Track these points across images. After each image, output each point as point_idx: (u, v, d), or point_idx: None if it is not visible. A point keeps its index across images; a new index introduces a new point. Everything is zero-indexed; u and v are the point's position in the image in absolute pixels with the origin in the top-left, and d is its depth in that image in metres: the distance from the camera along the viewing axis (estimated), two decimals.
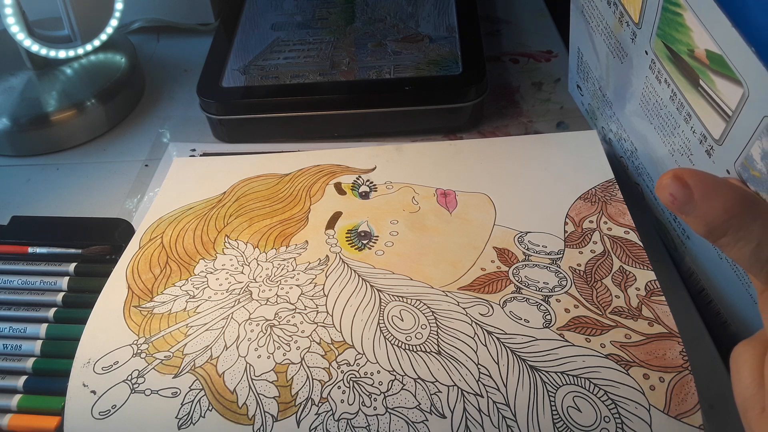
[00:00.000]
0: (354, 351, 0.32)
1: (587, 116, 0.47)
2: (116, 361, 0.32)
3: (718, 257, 0.32)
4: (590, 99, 0.44)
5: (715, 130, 0.28)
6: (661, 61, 0.32)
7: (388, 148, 0.45)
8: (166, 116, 0.54)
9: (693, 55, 0.28)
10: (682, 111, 0.31)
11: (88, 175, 0.49)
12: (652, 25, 0.32)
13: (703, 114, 0.29)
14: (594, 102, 0.44)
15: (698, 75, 0.28)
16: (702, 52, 0.27)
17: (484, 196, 0.40)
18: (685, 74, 0.30)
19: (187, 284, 0.36)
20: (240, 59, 0.52)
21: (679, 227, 0.36)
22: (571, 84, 0.49)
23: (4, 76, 0.52)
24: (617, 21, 0.36)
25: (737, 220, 0.22)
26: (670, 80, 0.31)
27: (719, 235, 0.22)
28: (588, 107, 0.45)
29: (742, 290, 0.31)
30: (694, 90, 0.29)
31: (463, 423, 0.29)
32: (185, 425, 0.30)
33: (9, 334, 0.36)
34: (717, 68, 0.26)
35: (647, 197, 0.40)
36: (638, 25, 0.33)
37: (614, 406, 0.29)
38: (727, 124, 0.27)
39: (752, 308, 0.31)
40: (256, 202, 0.41)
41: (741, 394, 0.21)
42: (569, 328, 0.32)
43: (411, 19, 0.55)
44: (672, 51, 0.30)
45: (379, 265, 0.36)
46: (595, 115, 0.45)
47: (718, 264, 0.33)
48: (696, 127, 0.30)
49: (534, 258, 0.36)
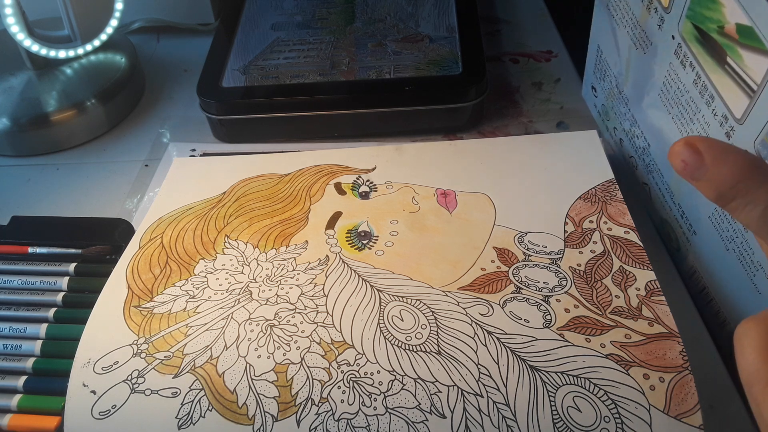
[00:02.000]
0: (354, 351, 0.32)
1: (598, 118, 0.48)
2: (116, 361, 0.32)
3: (725, 249, 0.33)
4: (604, 99, 0.45)
5: (737, 109, 0.29)
6: (688, 43, 0.33)
7: (388, 148, 0.45)
8: (166, 116, 0.54)
9: (722, 32, 0.30)
10: (704, 94, 0.32)
11: (88, 175, 0.49)
12: (682, 7, 0.33)
13: (726, 93, 0.30)
14: (608, 101, 0.44)
15: (726, 52, 0.30)
16: (732, 27, 0.29)
17: (484, 196, 0.40)
18: (712, 54, 0.31)
19: (187, 284, 0.36)
20: (240, 59, 0.52)
21: (686, 223, 0.36)
22: (585, 87, 0.49)
23: (4, 76, 0.52)
24: (645, 9, 0.37)
25: (745, 184, 0.22)
26: (696, 63, 0.32)
27: (729, 199, 0.23)
28: (601, 109, 0.46)
29: (747, 283, 0.31)
30: (720, 69, 0.30)
31: (463, 423, 0.29)
32: (185, 425, 0.30)
33: (9, 334, 0.36)
34: (746, 41, 0.28)
35: (655, 197, 0.40)
36: (667, 9, 0.35)
37: (614, 406, 0.29)
38: (751, 100, 0.28)
39: (755, 304, 0.31)
40: (256, 202, 0.41)
41: (746, 369, 0.21)
42: (569, 328, 0.32)
43: (411, 19, 0.55)
44: (700, 31, 0.32)
45: (379, 265, 0.36)
46: (607, 116, 0.45)
47: (724, 257, 0.33)
48: (718, 108, 0.31)
49: (534, 258, 0.36)
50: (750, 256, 0.31)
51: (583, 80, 0.49)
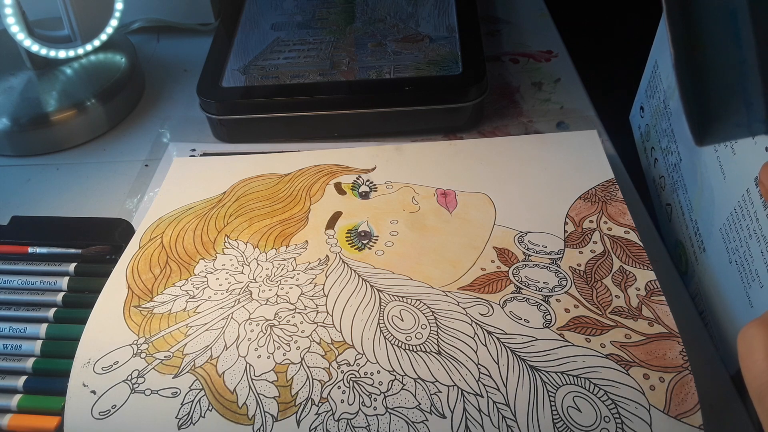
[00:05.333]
0: (354, 351, 0.32)
1: (639, 140, 0.48)
2: (116, 361, 0.32)
3: (729, 262, 0.33)
4: (649, 118, 0.45)
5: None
6: None
7: (388, 148, 0.45)
8: (166, 116, 0.54)
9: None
10: None
11: (88, 175, 0.49)
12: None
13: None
14: (653, 120, 0.45)
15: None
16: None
17: (484, 196, 0.40)
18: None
19: (187, 284, 0.36)
20: (240, 59, 0.52)
21: (698, 239, 0.37)
22: (634, 108, 0.50)
23: (4, 76, 0.52)
24: None
25: None
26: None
27: None
28: (644, 129, 0.47)
29: (743, 296, 0.32)
30: None
31: (463, 423, 0.29)
32: (185, 425, 0.30)
33: (9, 334, 0.36)
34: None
35: (675, 217, 0.40)
36: None
37: (614, 406, 0.29)
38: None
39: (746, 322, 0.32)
40: (256, 202, 0.41)
41: (756, 378, 0.20)
42: (569, 328, 0.32)
43: (411, 19, 0.55)
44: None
45: (379, 265, 0.36)
46: (648, 137, 0.46)
47: (726, 270, 0.33)
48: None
49: (534, 258, 0.36)
50: (749, 265, 0.31)
51: (633, 101, 0.50)
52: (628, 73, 0.52)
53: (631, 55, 0.53)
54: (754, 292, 0.31)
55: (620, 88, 0.54)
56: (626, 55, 0.58)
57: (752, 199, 0.31)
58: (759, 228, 0.30)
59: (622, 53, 0.66)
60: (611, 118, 0.51)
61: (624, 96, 0.52)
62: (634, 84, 0.49)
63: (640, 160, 0.47)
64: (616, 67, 0.67)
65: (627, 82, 0.51)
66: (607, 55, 0.77)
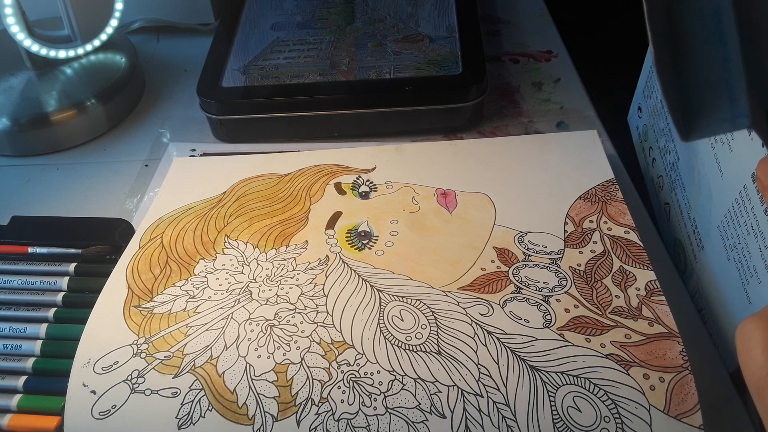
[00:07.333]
0: (354, 351, 0.32)
1: (637, 141, 0.48)
2: (116, 361, 0.32)
3: (727, 259, 0.33)
4: (647, 118, 0.46)
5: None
6: None
7: (388, 148, 0.45)
8: (166, 116, 0.54)
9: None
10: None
11: (88, 175, 0.49)
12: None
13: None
14: (650, 119, 0.45)
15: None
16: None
17: (484, 196, 0.40)
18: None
19: (187, 284, 0.36)
20: (240, 59, 0.52)
21: (696, 237, 0.37)
22: (632, 109, 0.50)
23: (4, 76, 0.52)
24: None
25: None
26: None
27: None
28: (642, 130, 0.47)
29: (741, 293, 0.32)
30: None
31: (463, 423, 0.29)
32: (185, 425, 0.30)
33: (9, 334, 0.36)
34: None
35: (673, 216, 0.40)
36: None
37: (614, 406, 0.29)
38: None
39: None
40: (256, 202, 0.41)
41: (755, 373, 0.20)
42: (569, 328, 0.32)
43: (411, 19, 0.55)
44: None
45: (379, 265, 0.36)
46: (646, 137, 0.46)
47: (725, 267, 0.33)
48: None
49: (534, 258, 0.36)
50: (747, 261, 0.31)
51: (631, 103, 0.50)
52: (628, 73, 0.52)
53: (631, 55, 0.53)
54: (752, 289, 0.31)
55: (620, 88, 0.54)
56: (626, 55, 0.58)
57: (749, 196, 0.31)
58: (756, 224, 0.30)
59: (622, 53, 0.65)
60: (611, 118, 0.51)
61: (624, 96, 0.52)
62: (634, 84, 0.49)
63: (639, 160, 0.47)
64: (616, 67, 0.67)
65: (627, 82, 0.51)
66: (607, 55, 0.77)
